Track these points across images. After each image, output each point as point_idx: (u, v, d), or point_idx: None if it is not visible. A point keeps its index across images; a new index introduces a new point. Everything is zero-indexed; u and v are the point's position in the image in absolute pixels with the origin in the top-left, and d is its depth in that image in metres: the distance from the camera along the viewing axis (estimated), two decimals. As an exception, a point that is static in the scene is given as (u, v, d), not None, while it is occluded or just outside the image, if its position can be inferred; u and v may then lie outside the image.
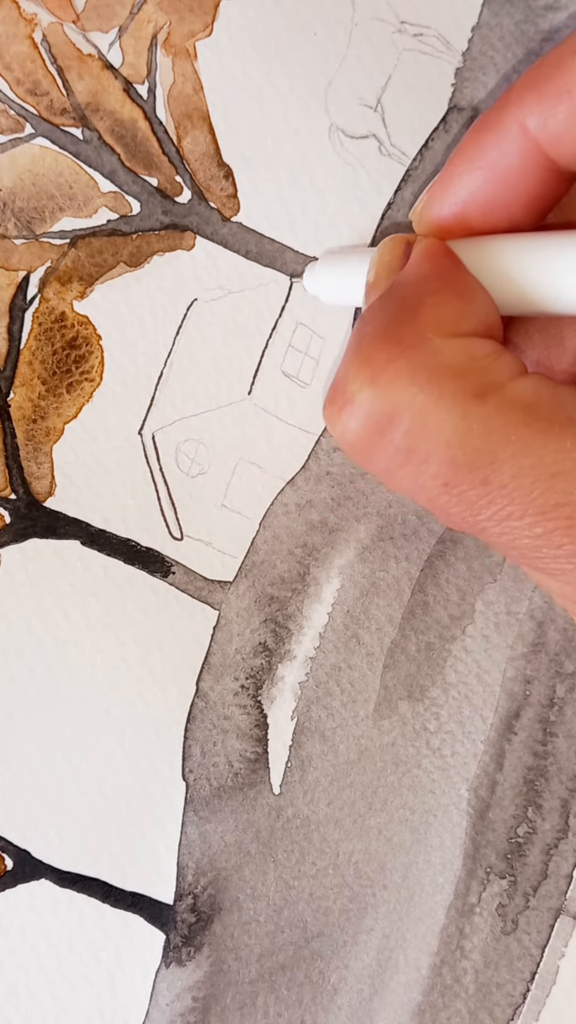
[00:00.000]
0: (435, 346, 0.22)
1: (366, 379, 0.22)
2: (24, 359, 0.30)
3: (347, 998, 0.31)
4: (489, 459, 0.21)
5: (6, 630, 0.30)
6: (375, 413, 0.21)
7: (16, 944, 0.30)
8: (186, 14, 0.31)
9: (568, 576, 0.22)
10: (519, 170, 0.23)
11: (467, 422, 0.21)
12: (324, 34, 0.31)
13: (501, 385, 0.21)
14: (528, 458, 0.21)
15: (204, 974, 0.30)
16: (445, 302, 0.23)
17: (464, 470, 0.21)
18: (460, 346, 0.22)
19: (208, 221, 0.31)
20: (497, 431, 0.21)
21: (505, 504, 0.21)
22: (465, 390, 0.21)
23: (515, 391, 0.21)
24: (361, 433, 0.22)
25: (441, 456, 0.21)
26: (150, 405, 0.31)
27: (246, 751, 0.31)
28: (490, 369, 0.22)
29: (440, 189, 0.24)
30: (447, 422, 0.21)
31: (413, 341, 0.22)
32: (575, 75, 0.22)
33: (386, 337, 0.22)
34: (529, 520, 0.21)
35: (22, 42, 0.30)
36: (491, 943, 0.31)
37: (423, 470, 0.21)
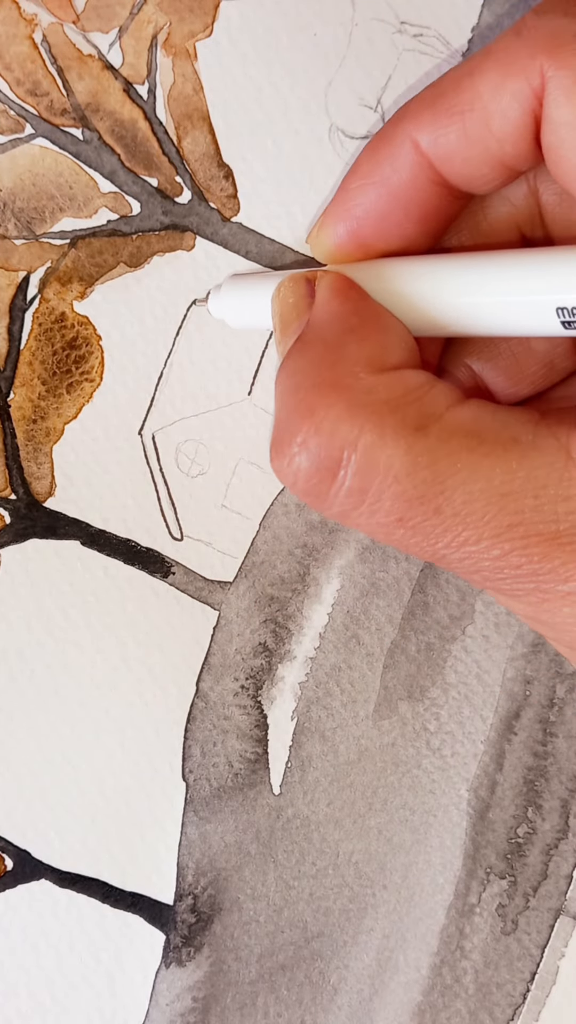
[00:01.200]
0: (369, 383, 0.22)
1: (309, 427, 0.22)
2: (24, 359, 0.30)
3: (347, 998, 0.31)
4: (439, 488, 0.21)
5: (6, 630, 0.30)
6: (323, 459, 0.22)
7: (16, 944, 0.30)
8: (186, 14, 0.31)
9: (530, 596, 0.22)
10: (411, 187, 0.23)
11: (413, 455, 0.21)
12: (324, 34, 0.31)
13: (440, 414, 0.22)
14: (477, 483, 0.21)
15: (204, 974, 0.30)
16: (366, 337, 0.23)
17: (416, 503, 0.21)
18: (394, 380, 0.22)
19: (208, 221, 0.31)
20: (443, 460, 0.21)
21: (460, 530, 0.21)
22: (406, 423, 0.21)
23: (455, 418, 0.22)
24: (312, 480, 0.22)
25: (392, 491, 0.21)
26: (150, 405, 0.31)
27: (246, 751, 0.31)
28: (427, 399, 0.22)
29: (335, 207, 0.24)
30: (394, 457, 0.21)
31: (347, 382, 0.22)
32: (469, 96, 0.22)
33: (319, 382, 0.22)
34: (486, 543, 0.21)
35: (22, 42, 0.30)
36: (491, 943, 0.31)
37: (377, 508, 0.22)
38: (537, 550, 0.21)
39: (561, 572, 0.21)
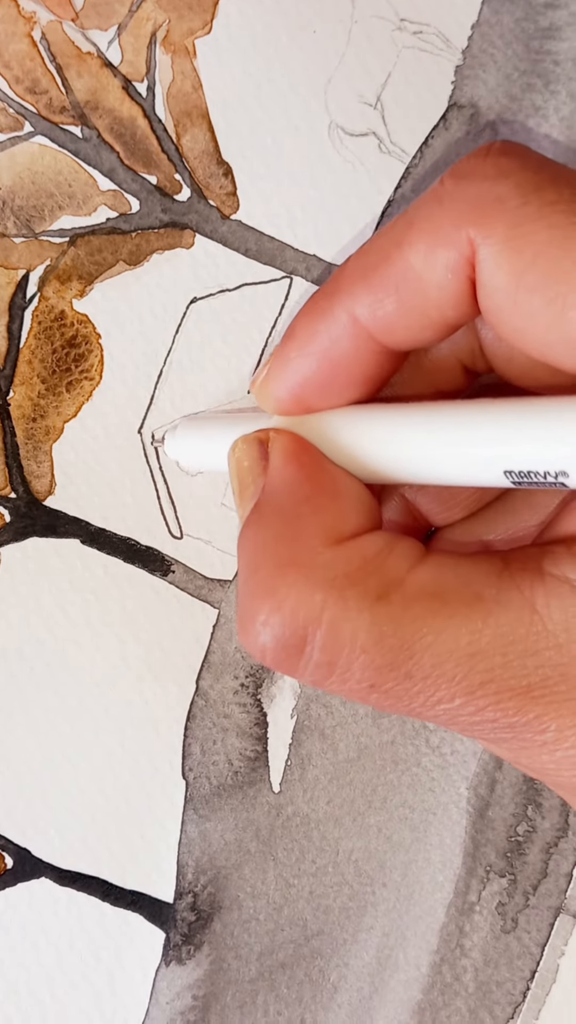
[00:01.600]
0: (326, 559, 0.22)
1: (271, 607, 0.22)
2: (24, 358, 0.30)
3: (347, 996, 0.31)
4: (407, 655, 0.21)
5: (6, 629, 0.30)
6: (288, 637, 0.22)
7: (16, 943, 0.30)
8: (185, 12, 0.30)
9: (510, 744, 0.22)
10: (351, 356, 0.24)
11: (377, 625, 0.21)
12: (324, 32, 0.31)
13: (402, 579, 0.22)
14: (444, 644, 0.21)
15: (204, 972, 0.30)
16: (322, 508, 0.23)
17: (386, 670, 0.21)
18: (351, 551, 0.22)
19: (207, 219, 0.31)
20: (408, 626, 0.21)
21: (433, 692, 0.21)
22: (367, 594, 0.21)
23: (417, 582, 0.22)
24: (279, 656, 0.22)
25: (361, 663, 0.21)
26: (150, 404, 0.31)
27: (246, 749, 0.31)
28: (385, 566, 0.22)
29: (275, 371, 0.25)
30: (359, 630, 0.21)
31: (305, 558, 0.22)
32: (401, 268, 0.22)
33: (278, 559, 0.22)
34: (459, 701, 0.21)
35: (21, 40, 0.30)
36: (491, 941, 0.31)
37: (348, 677, 0.22)
38: (511, 704, 0.21)
39: (536, 724, 0.21)
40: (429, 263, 0.22)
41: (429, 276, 0.22)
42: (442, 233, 0.21)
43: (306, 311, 0.24)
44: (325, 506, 0.23)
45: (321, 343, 0.24)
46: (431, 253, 0.22)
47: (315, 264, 0.31)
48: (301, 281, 0.31)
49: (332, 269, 0.31)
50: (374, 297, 0.23)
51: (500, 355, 0.25)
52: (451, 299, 0.22)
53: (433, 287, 0.22)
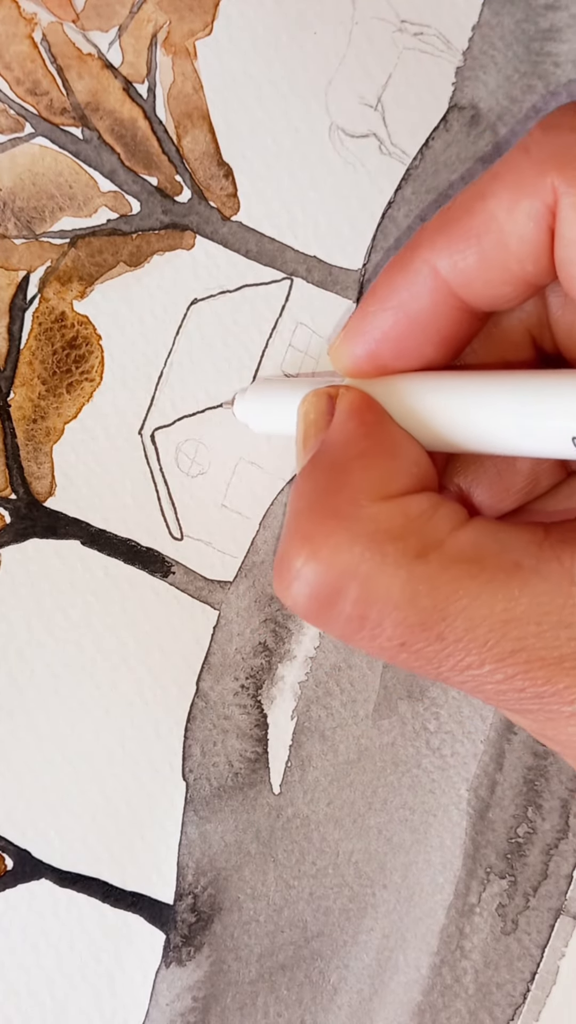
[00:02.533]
0: (370, 513, 0.22)
1: (308, 554, 0.22)
2: (24, 359, 0.30)
3: (347, 998, 0.31)
4: (441, 616, 0.21)
5: (6, 630, 0.30)
6: (321, 586, 0.22)
7: (16, 944, 0.30)
8: (186, 13, 0.30)
9: (536, 715, 0.22)
10: (431, 311, 0.24)
11: (413, 584, 0.21)
12: (324, 33, 0.31)
13: (442, 541, 0.22)
14: (479, 610, 0.21)
15: (204, 974, 0.30)
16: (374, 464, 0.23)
17: (418, 629, 0.21)
18: (395, 508, 0.22)
19: (208, 220, 0.31)
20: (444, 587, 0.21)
21: (463, 656, 0.21)
22: (406, 552, 0.21)
23: (457, 544, 0.22)
24: (311, 606, 0.22)
25: (393, 619, 0.21)
26: (150, 405, 0.31)
27: (246, 751, 0.31)
28: (428, 526, 0.22)
29: (354, 328, 0.25)
30: (393, 586, 0.21)
31: (348, 511, 0.22)
32: (483, 219, 0.22)
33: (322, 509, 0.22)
34: (489, 668, 0.21)
35: (22, 41, 0.30)
36: (491, 943, 0.31)
37: (378, 634, 0.22)
38: (541, 674, 0.21)
39: (565, 695, 0.21)
40: (512, 213, 0.22)
41: (511, 227, 0.22)
42: (526, 182, 0.21)
43: (387, 267, 0.24)
44: (378, 464, 0.23)
45: (401, 297, 0.24)
46: (515, 202, 0.22)
47: (316, 265, 0.31)
48: (302, 282, 0.31)
49: (333, 270, 0.31)
50: (455, 249, 0.23)
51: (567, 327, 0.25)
52: (532, 251, 0.22)
53: (515, 238, 0.22)
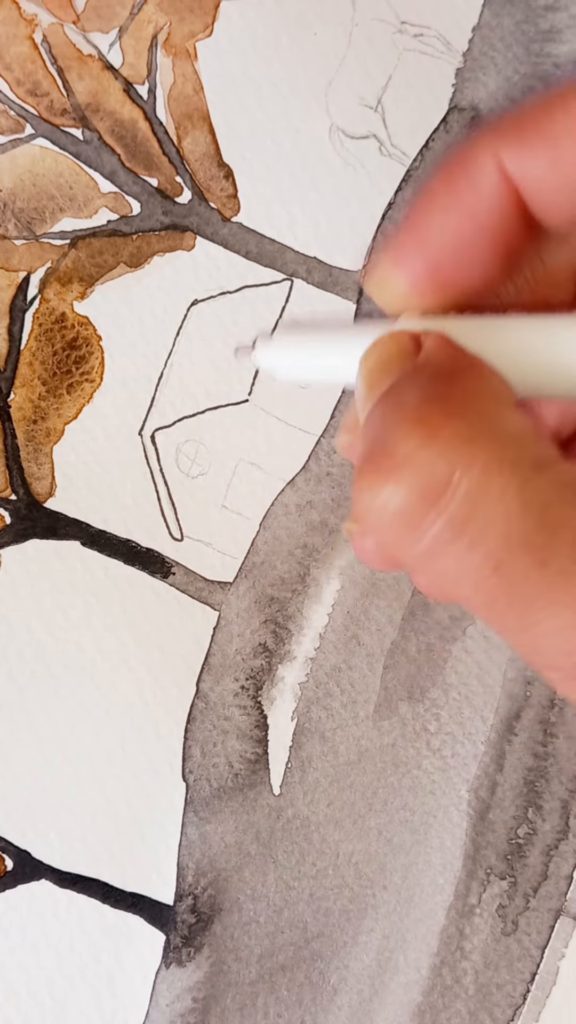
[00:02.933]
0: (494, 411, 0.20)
1: (421, 437, 0.19)
2: (24, 360, 0.30)
3: (347, 999, 0.31)
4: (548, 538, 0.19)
5: (6, 630, 0.30)
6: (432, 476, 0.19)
7: (16, 944, 0.30)
8: (186, 15, 0.30)
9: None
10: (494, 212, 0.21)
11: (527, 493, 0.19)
12: (324, 34, 0.31)
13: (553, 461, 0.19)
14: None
15: (204, 975, 0.30)
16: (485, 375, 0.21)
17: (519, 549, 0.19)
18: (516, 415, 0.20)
19: (208, 221, 0.31)
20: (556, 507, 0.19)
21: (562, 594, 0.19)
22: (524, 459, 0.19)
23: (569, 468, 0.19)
24: (411, 499, 0.19)
25: (498, 529, 0.19)
26: (150, 406, 0.31)
27: (246, 752, 0.31)
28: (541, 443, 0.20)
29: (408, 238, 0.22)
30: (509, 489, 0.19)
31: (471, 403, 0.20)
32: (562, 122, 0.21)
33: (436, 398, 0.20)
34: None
35: (22, 43, 0.30)
36: (491, 944, 0.31)
37: (475, 546, 0.19)
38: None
39: None
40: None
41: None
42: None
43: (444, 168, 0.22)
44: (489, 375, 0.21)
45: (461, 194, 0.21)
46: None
47: (316, 266, 0.31)
48: (302, 283, 0.31)
49: (333, 271, 0.31)
50: (528, 146, 0.20)
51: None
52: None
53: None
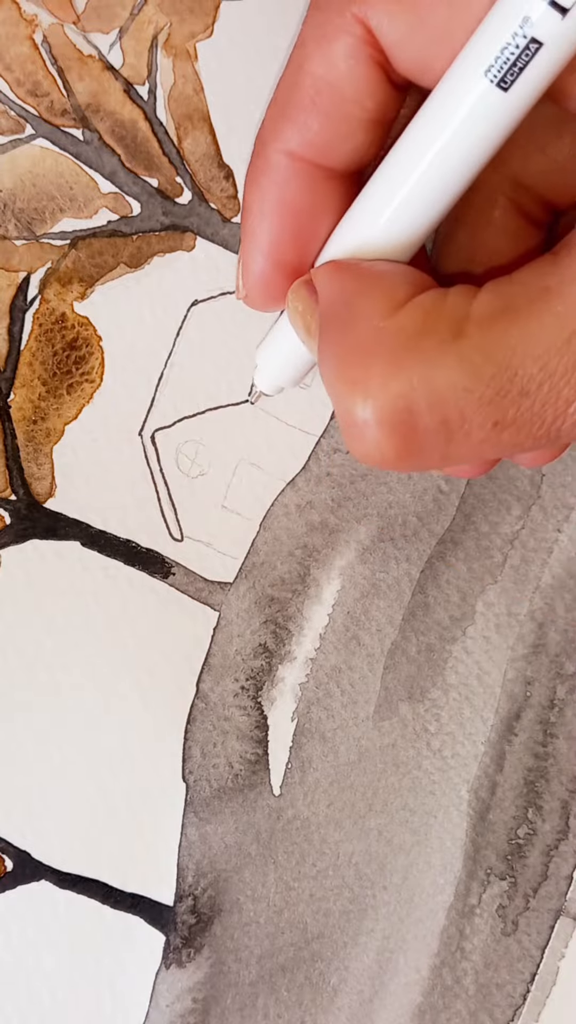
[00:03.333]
0: (390, 326, 0.22)
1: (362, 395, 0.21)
2: (24, 360, 0.30)
3: (347, 999, 0.31)
4: (511, 373, 0.21)
5: (6, 631, 0.30)
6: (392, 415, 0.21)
7: (16, 945, 0.30)
8: (187, 15, 0.30)
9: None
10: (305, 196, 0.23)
11: (467, 360, 0.21)
12: (325, 35, 0.31)
13: (467, 315, 0.21)
14: (538, 346, 0.20)
15: (204, 975, 0.30)
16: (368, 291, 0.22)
17: (499, 399, 0.21)
18: (408, 311, 0.22)
19: (208, 222, 0.31)
20: (495, 347, 0.21)
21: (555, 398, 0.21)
22: (443, 338, 0.21)
23: (482, 308, 0.21)
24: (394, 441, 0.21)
25: (471, 404, 0.21)
26: (150, 406, 0.31)
27: (246, 752, 0.31)
28: (447, 310, 0.22)
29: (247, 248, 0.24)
30: (451, 373, 0.21)
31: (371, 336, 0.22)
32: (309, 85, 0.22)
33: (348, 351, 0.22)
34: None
35: (23, 43, 0.30)
36: (491, 944, 0.31)
37: (469, 429, 0.21)
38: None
39: None
40: (330, 62, 0.21)
41: (335, 74, 0.22)
42: (329, 28, 0.21)
43: (247, 180, 0.24)
44: (371, 289, 0.22)
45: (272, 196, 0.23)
46: (327, 52, 0.21)
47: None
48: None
49: (333, 272, 0.31)
50: (298, 124, 0.22)
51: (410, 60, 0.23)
52: (365, 86, 0.22)
53: (344, 83, 0.22)
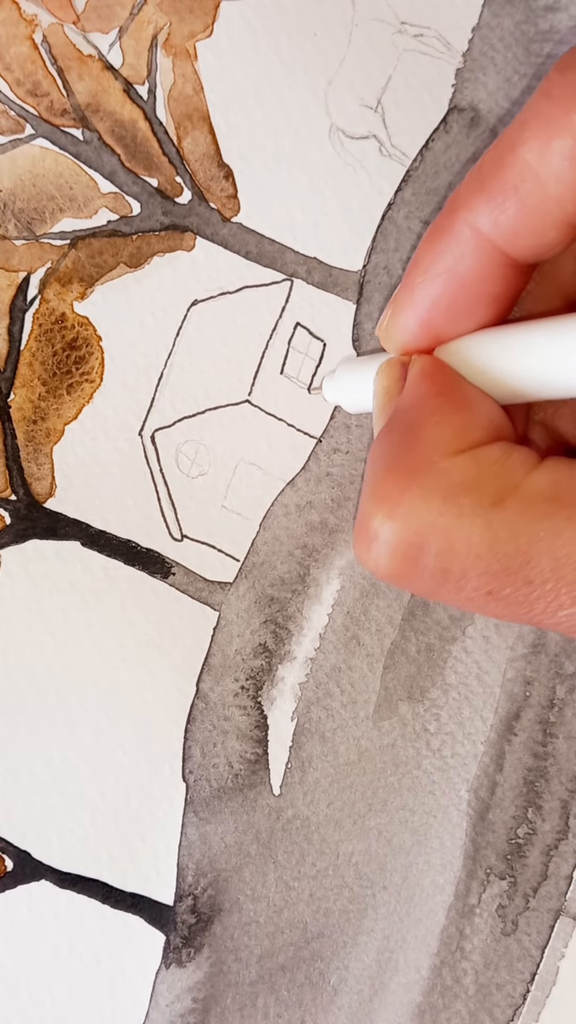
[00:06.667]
0: (443, 467, 0.22)
1: (385, 514, 0.22)
2: (24, 360, 0.30)
3: (347, 999, 0.31)
4: (524, 560, 0.21)
5: (6, 630, 0.30)
6: (402, 544, 0.22)
7: (16, 945, 0.30)
8: (186, 15, 0.30)
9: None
10: (477, 271, 0.24)
11: (492, 531, 0.21)
12: (324, 34, 0.31)
13: (517, 485, 0.22)
14: (563, 547, 0.21)
15: (204, 975, 0.30)
16: (445, 421, 0.23)
17: (503, 576, 0.21)
18: (468, 461, 0.22)
19: (208, 222, 0.31)
20: (524, 531, 0.21)
21: (553, 598, 0.21)
22: (482, 500, 0.22)
23: (532, 487, 0.22)
24: (393, 565, 0.22)
25: (477, 569, 0.21)
26: (150, 406, 0.31)
27: (246, 752, 0.31)
28: (502, 473, 0.22)
29: (401, 302, 0.25)
30: (473, 536, 0.21)
31: (422, 467, 0.22)
32: (517, 171, 0.22)
33: (395, 468, 0.22)
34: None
35: (22, 43, 0.30)
36: (491, 944, 0.31)
37: (463, 585, 0.22)
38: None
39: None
40: (545, 157, 0.22)
41: (546, 170, 0.22)
42: (554, 124, 0.21)
43: (428, 236, 0.24)
44: (449, 419, 0.23)
45: (446, 262, 0.24)
46: (546, 146, 0.22)
47: (316, 266, 0.31)
48: (302, 284, 0.31)
49: (333, 272, 0.31)
50: (494, 203, 0.23)
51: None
52: (570, 191, 0.22)
53: (552, 180, 0.22)
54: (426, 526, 0.22)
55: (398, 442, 0.23)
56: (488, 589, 0.22)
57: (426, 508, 0.22)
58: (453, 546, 0.21)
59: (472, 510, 0.21)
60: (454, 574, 0.22)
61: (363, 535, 0.22)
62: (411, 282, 0.24)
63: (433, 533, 0.22)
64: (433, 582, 0.22)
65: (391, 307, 0.25)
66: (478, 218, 0.23)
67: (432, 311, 0.24)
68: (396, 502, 0.22)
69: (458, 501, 0.22)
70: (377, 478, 0.23)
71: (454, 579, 0.22)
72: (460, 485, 0.22)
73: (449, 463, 0.22)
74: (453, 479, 0.22)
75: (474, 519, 0.21)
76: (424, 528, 0.22)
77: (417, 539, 0.22)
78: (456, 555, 0.22)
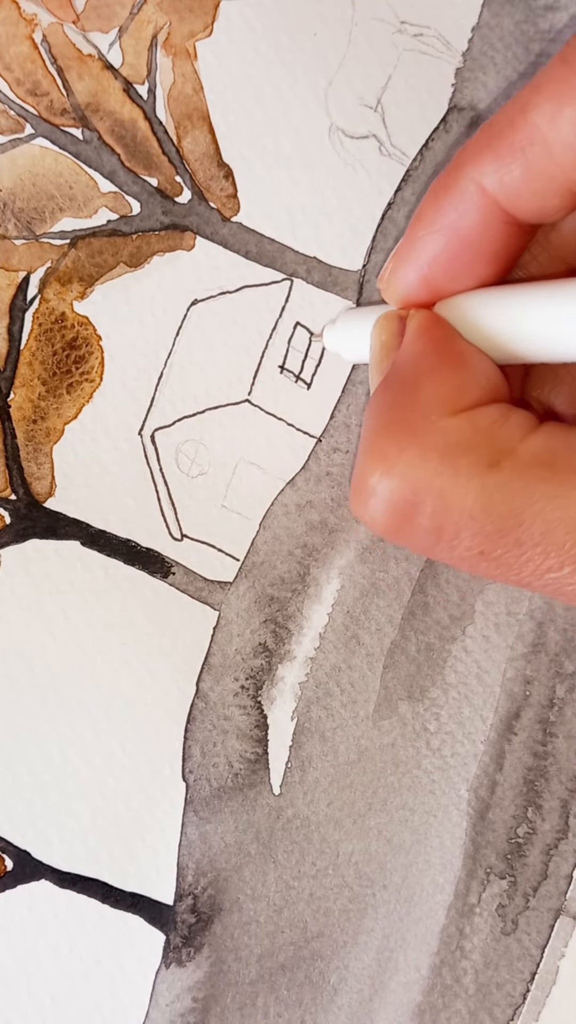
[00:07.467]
0: (441, 426, 0.22)
1: (383, 471, 0.22)
2: (24, 360, 0.30)
3: (347, 998, 0.31)
4: (517, 522, 0.21)
5: (6, 630, 0.30)
6: (397, 501, 0.22)
7: (16, 944, 0.30)
8: (186, 14, 0.31)
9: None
10: (479, 229, 0.24)
11: (487, 493, 0.22)
12: (324, 34, 0.31)
13: (513, 448, 0.22)
14: (554, 512, 0.21)
15: (204, 974, 0.30)
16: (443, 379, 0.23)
17: (495, 537, 0.22)
18: (465, 421, 0.23)
19: (208, 221, 0.31)
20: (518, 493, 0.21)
21: (542, 560, 0.22)
22: (479, 462, 0.22)
23: (528, 450, 0.22)
24: (389, 521, 0.23)
25: (470, 529, 0.22)
26: (150, 406, 0.31)
27: (246, 752, 0.31)
28: (499, 435, 0.22)
29: (403, 255, 0.25)
30: (468, 496, 0.22)
31: (420, 425, 0.22)
32: (527, 133, 0.22)
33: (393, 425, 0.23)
34: (569, 570, 0.22)
35: (22, 42, 0.30)
36: (491, 943, 0.31)
37: (456, 544, 0.22)
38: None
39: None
40: (555, 123, 0.22)
41: (555, 135, 0.22)
42: (568, 91, 0.22)
43: (432, 190, 0.24)
44: (447, 378, 0.23)
45: (448, 217, 0.24)
46: (557, 112, 0.22)
47: (316, 266, 0.31)
48: (302, 283, 0.31)
49: (333, 271, 0.31)
50: (500, 163, 0.23)
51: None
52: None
53: (559, 147, 0.22)
54: (422, 485, 0.22)
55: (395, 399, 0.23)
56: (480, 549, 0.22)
57: (423, 467, 0.22)
58: (448, 506, 0.22)
59: (468, 471, 0.22)
60: (448, 533, 0.22)
61: (360, 491, 0.23)
62: (413, 235, 0.25)
63: (429, 492, 0.22)
64: (427, 540, 0.22)
65: (393, 259, 0.25)
66: (484, 176, 0.23)
67: (433, 265, 0.24)
68: (394, 460, 0.22)
69: (455, 462, 0.22)
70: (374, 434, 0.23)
71: (447, 538, 0.22)
72: (457, 445, 0.22)
73: (447, 423, 0.22)
74: (450, 439, 0.22)
75: (470, 480, 0.22)
76: (420, 487, 0.22)
77: (413, 497, 0.22)
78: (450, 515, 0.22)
